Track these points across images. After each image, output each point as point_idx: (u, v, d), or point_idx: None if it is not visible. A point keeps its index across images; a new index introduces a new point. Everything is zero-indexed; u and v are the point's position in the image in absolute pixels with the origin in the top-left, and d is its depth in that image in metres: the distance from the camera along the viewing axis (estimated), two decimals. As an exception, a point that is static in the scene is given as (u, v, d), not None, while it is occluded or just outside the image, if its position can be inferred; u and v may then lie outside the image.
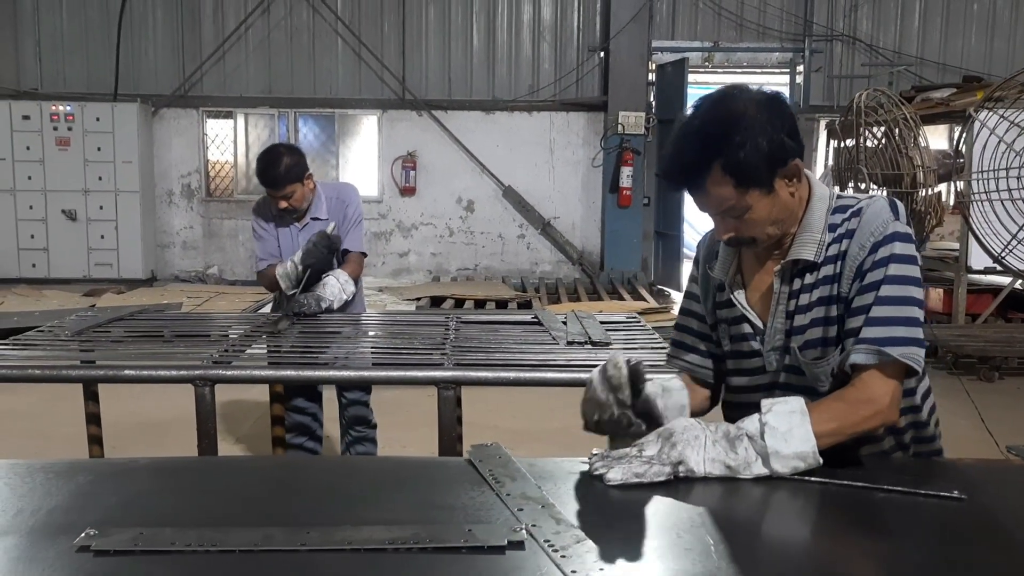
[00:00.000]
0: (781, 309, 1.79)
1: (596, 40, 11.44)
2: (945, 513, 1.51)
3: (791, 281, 1.78)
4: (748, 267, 1.87)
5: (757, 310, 1.84)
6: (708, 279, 1.93)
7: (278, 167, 3.73)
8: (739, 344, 1.88)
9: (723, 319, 1.91)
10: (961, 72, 10.70)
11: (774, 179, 1.69)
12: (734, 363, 1.91)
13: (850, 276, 1.71)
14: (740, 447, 1.60)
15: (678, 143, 1.70)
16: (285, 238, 3.96)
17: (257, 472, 1.82)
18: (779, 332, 1.80)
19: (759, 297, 1.85)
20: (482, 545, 1.33)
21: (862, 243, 1.69)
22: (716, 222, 1.76)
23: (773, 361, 1.82)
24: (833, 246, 1.74)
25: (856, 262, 1.70)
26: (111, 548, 1.31)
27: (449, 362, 2.82)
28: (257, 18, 11.32)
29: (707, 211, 1.75)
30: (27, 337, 3.24)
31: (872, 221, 1.70)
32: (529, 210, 11.57)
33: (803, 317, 1.77)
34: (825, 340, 1.75)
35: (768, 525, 1.54)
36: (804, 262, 1.75)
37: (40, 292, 9.88)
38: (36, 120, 10.70)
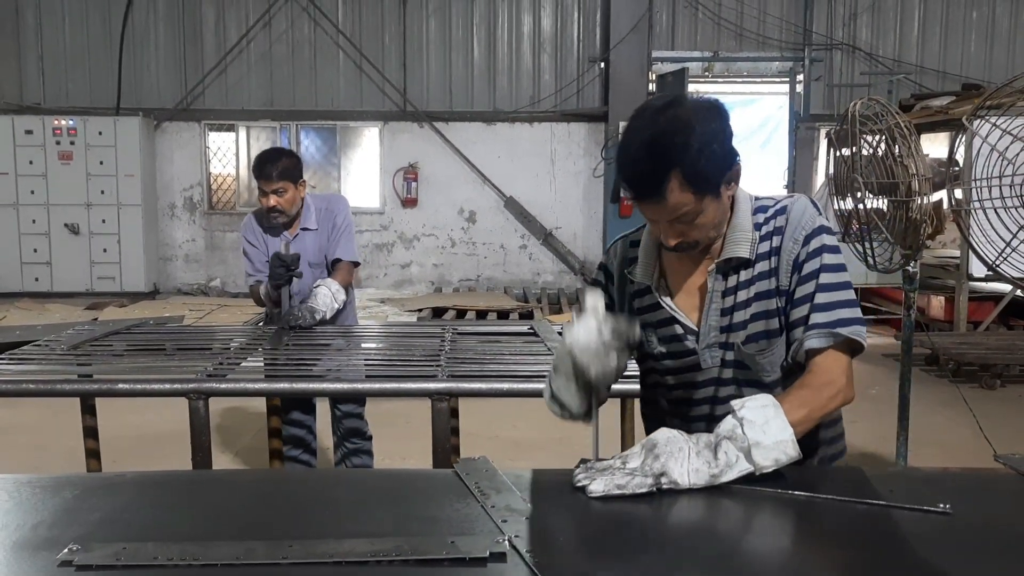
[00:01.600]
0: (715, 307, 1.84)
1: (596, 50, 11.47)
2: (930, 524, 1.50)
3: (725, 279, 1.83)
4: (672, 270, 1.91)
5: (687, 311, 1.88)
6: (625, 285, 1.97)
7: (276, 160, 3.80)
8: (671, 345, 1.91)
9: (648, 323, 1.92)
10: (961, 80, 10.71)
11: (721, 184, 1.73)
12: (668, 363, 1.93)
13: (787, 269, 1.79)
14: (721, 452, 1.60)
15: (634, 153, 1.70)
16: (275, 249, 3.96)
17: (242, 485, 1.82)
18: (714, 329, 1.85)
19: (687, 298, 1.89)
20: (464, 557, 1.33)
21: (795, 238, 1.78)
22: (663, 229, 1.77)
23: (708, 359, 1.86)
24: (763, 243, 1.81)
25: (791, 256, 1.78)
26: (93, 563, 1.31)
27: (443, 374, 2.83)
28: (259, 31, 11.38)
29: (658, 219, 1.75)
30: (24, 351, 3.25)
31: (800, 217, 1.80)
32: (531, 220, 11.59)
33: (743, 313, 1.82)
34: (768, 332, 1.81)
35: (753, 538, 1.54)
36: (737, 260, 1.81)
37: (43, 306, 9.91)
38: (39, 134, 10.76)
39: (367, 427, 4.12)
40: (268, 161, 3.80)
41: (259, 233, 3.96)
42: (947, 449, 5.06)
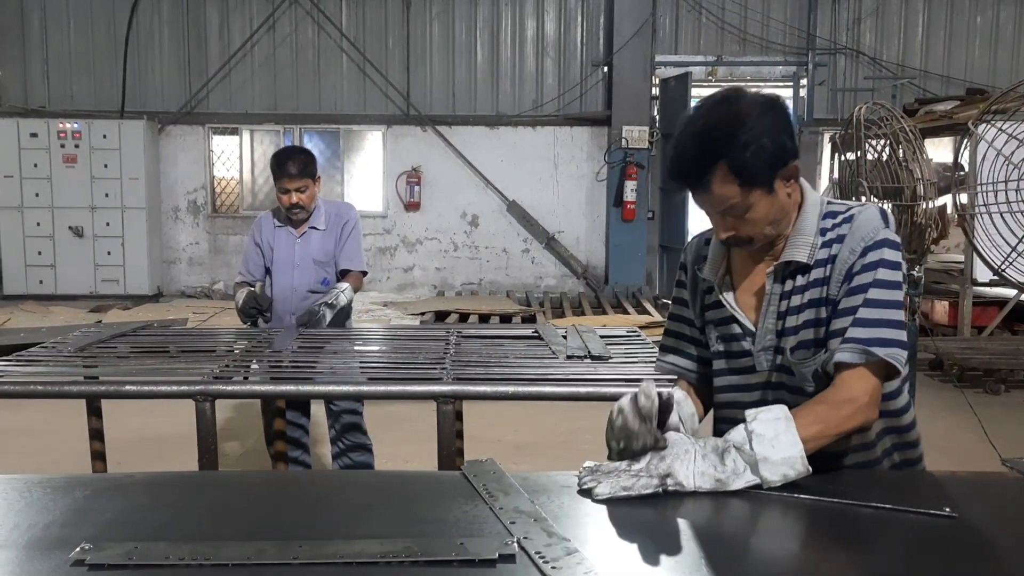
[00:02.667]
0: (772, 310, 1.82)
1: (600, 55, 11.49)
2: (936, 528, 1.50)
3: (783, 282, 1.81)
4: (738, 269, 1.89)
5: (747, 311, 1.86)
6: (697, 282, 1.96)
7: (297, 158, 3.94)
8: (729, 344, 1.89)
9: (711, 320, 1.93)
10: (965, 84, 10.71)
11: (775, 179, 1.72)
12: (724, 363, 1.91)
13: (839, 279, 1.74)
14: (728, 458, 1.60)
15: (683, 143, 1.73)
16: (282, 247, 4.04)
17: (250, 486, 1.82)
18: (770, 332, 1.82)
19: (749, 298, 1.87)
20: (473, 558, 1.33)
21: (852, 247, 1.73)
22: (716, 221, 1.78)
23: (763, 361, 1.84)
24: (823, 250, 1.77)
25: (846, 265, 1.73)
26: (105, 562, 1.32)
27: (448, 376, 2.83)
28: (263, 35, 11.41)
29: (708, 210, 1.77)
30: (30, 353, 3.26)
31: (863, 227, 1.74)
32: (533, 224, 11.60)
33: (795, 319, 1.79)
34: (816, 342, 1.77)
35: (757, 541, 1.54)
36: (796, 264, 1.78)
37: (47, 308, 9.92)
38: (44, 137, 10.79)
39: (364, 423, 4.12)
40: (289, 159, 3.91)
41: (270, 232, 4.04)
42: (951, 454, 5.06)
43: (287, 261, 4.03)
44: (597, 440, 1.98)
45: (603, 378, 2.87)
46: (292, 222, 4.03)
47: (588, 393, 2.76)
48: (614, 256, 11.35)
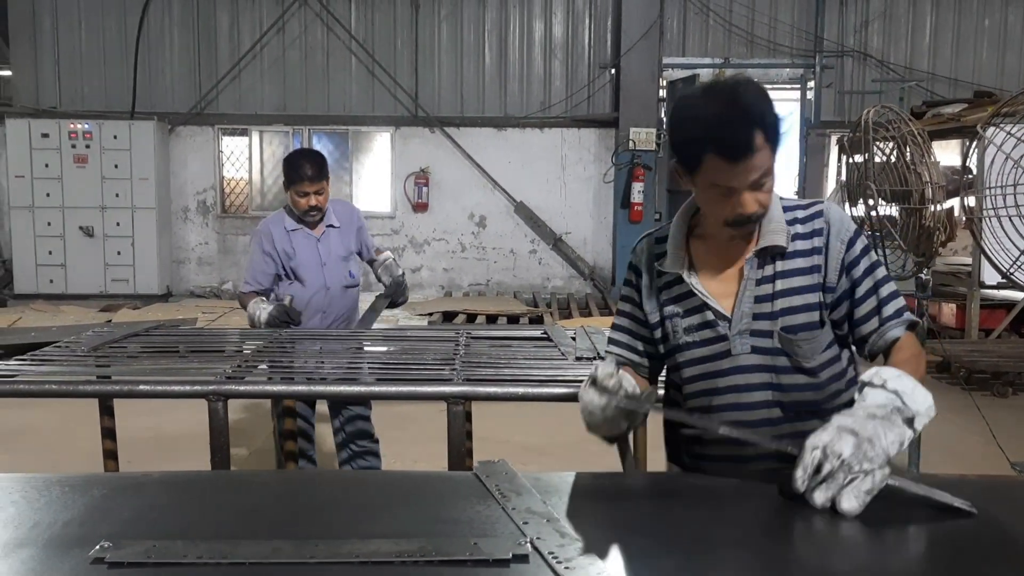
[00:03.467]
0: (749, 294, 1.91)
1: (607, 57, 11.50)
2: (953, 529, 1.51)
3: (762, 267, 1.91)
4: (700, 261, 1.97)
5: (716, 297, 1.94)
6: (652, 280, 2.03)
7: (315, 161, 3.96)
8: (700, 332, 1.95)
9: (675, 313, 1.98)
10: (972, 87, 10.69)
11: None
12: (694, 352, 1.97)
13: (836, 268, 1.90)
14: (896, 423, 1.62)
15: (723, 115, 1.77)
16: (304, 249, 4.03)
17: (266, 486, 1.85)
18: (746, 316, 1.91)
19: (717, 286, 1.94)
20: (487, 558, 1.35)
21: (841, 239, 1.90)
22: (746, 201, 1.82)
23: (739, 345, 1.91)
24: (802, 240, 1.91)
25: (839, 256, 1.90)
26: (124, 560, 1.34)
27: (458, 377, 2.84)
28: (272, 37, 11.45)
29: (741, 184, 1.80)
30: (44, 352, 3.28)
31: (843, 221, 1.94)
32: (541, 226, 11.61)
33: (783, 302, 1.89)
34: (810, 324, 1.90)
35: (773, 537, 1.54)
36: (774, 249, 1.89)
37: (57, 308, 9.97)
38: (55, 138, 10.84)
39: (373, 428, 4.15)
40: (307, 163, 3.93)
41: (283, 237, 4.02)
42: (959, 457, 5.06)
43: (313, 262, 4.02)
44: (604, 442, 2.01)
45: (612, 380, 2.88)
46: (307, 223, 4.04)
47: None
48: (621, 257, 11.35)
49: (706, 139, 1.78)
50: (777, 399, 1.91)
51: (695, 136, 1.80)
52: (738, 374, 1.92)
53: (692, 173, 1.84)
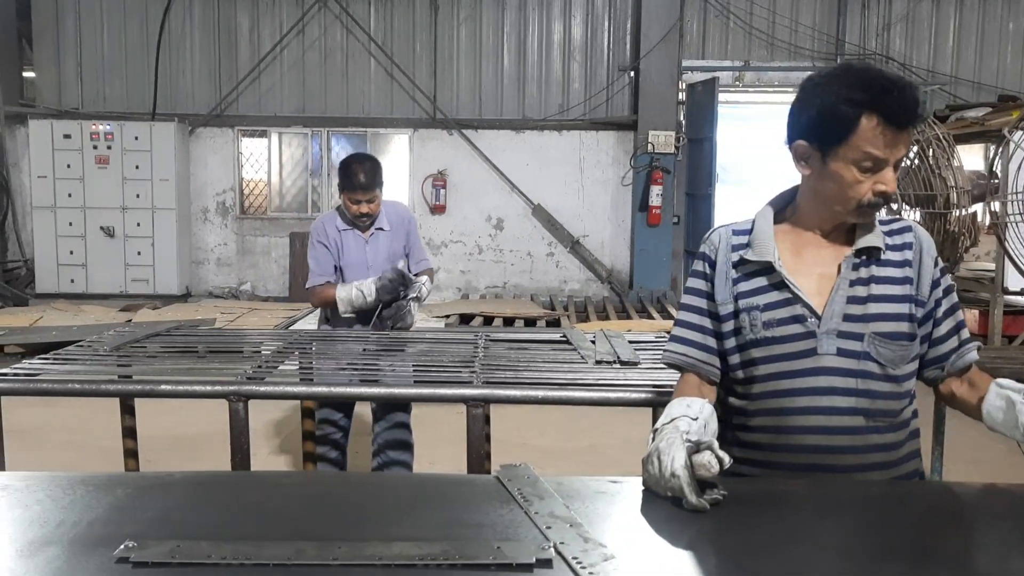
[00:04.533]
0: (842, 294, 1.85)
1: (626, 59, 11.48)
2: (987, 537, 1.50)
3: (857, 268, 1.87)
4: (787, 254, 1.90)
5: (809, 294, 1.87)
6: (728, 270, 1.94)
7: (370, 170, 4.02)
8: (784, 328, 1.86)
9: (753, 306, 1.89)
10: (996, 91, 10.60)
11: None
12: (772, 349, 1.87)
13: (927, 284, 1.90)
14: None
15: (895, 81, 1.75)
16: (352, 250, 4.09)
17: (290, 487, 1.85)
18: (836, 315, 1.85)
19: (806, 282, 1.88)
20: (510, 562, 1.34)
21: (931, 256, 1.91)
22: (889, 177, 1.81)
23: (826, 344, 1.84)
24: (893, 251, 1.90)
25: (930, 273, 1.91)
26: (149, 560, 1.34)
27: (478, 380, 2.84)
28: (292, 39, 11.49)
29: (896, 156, 1.78)
30: (67, 352, 3.31)
31: (930, 240, 1.95)
32: (558, 228, 11.60)
33: (878, 306, 1.86)
34: (899, 334, 1.87)
35: (800, 550, 1.52)
36: (872, 251, 1.88)
37: (78, 307, 10.04)
38: (76, 139, 10.93)
39: (411, 437, 4.14)
40: (360, 171, 3.98)
41: (335, 235, 4.09)
42: (982, 465, 5.01)
43: (359, 263, 4.08)
44: (623, 446, 2.00)
45: (633, 384, 2.87)
46: (358, 225, 4.10)
47: (618, 399, 2.77)
48: (639, 261, 11.33)
49: (871, 101, 1.72)
50: (863, 406, 1.83)
51: (856, 99, 1.73)
52: (821, 375, 1.83)
53: (836, 144, 1.76)
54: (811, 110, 1.80)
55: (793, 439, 1.85)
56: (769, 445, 1.89)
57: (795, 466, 1.85)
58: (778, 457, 1.87)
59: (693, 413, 1.78)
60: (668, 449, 1.64)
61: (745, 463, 1.90)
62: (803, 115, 1.83)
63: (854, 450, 1.82)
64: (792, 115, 1.87)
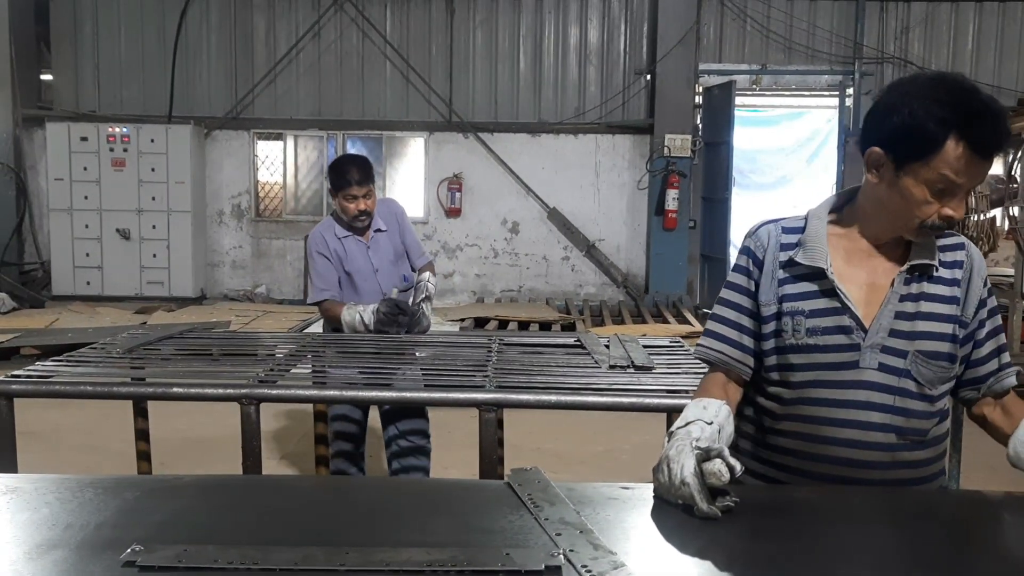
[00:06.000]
0: (891, 308, 1.81)
1: (643, 63, 11.45)
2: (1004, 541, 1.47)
3: (908, 284, 1.82)
4: (838, 262, 1.85)
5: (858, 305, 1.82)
6: (774, 269, 1.89)
7: (362, 166, 3.95)
8: (828, 337, 1.82)
9: (798, 311, 1.84)
10: (1016, 95, 10.50)
11: None
12: (812, 357, 1.83)
13: (974, 304, 1.85)
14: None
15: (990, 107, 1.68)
16: (356, 256, 4.02)
17: (298, 491, 1.83)
18: (883, 330, 1.80)
19: (855, 291, 1.83)
20: (519, 569, 1.33)
21: (981, 276, 1.87)
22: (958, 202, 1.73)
23: (869, 358, 1.80)
24: (946, 269, 1.84)
25: (978, 293, 1.86)
26: (156, 564, 1.33)
27: (491, 384, 2.83)
28: (308, 42, 11.53)
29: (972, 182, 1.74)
30: (81, 354, 3.32)
31: (982, 259, 1.92)
32: (574, 232, 11.58)
33: (926, 324, 1.81)
34: (941, 354, 1.83)
35: (816, 559, 1.50)
36: (925, 267, 1.82)
37: (94, 309, 10.10)
38: (93, 141, 11.00)
39: (429, 443, 4.10)
40: (354, 167, 3.92)
41: (336, 243, 4.00)
42: (998, 473, 4.92)
43: (366, 269, 4.01)
44: (637, 451, 1.98)
45: (647, 389, 2.85)
46: (356, 230, 4.02)
47: (632, 404, 2.75)
48: (655, 265, 11.29)
49: (961, 125, 1.64)
50: (896, 424, 1.80)
51: (946, 119, 1.65)
52: (860, 389, 1.80)
53: (914, 161, 1.69)
54: (895, 119, 1.71)
55: (823, 449, 1.82)
56: (797, 451, 1.86)
57: (821, 476, 1.82)
58: (806, 465, 1.84)
59: (708, 417, 1.75)
60: (678, 457, 1.61)
61: (771, 466, 1.89)
62: (885, 122, 1.74)
63: (883, 466, 1.80)
64: (873, 118, 1.80)
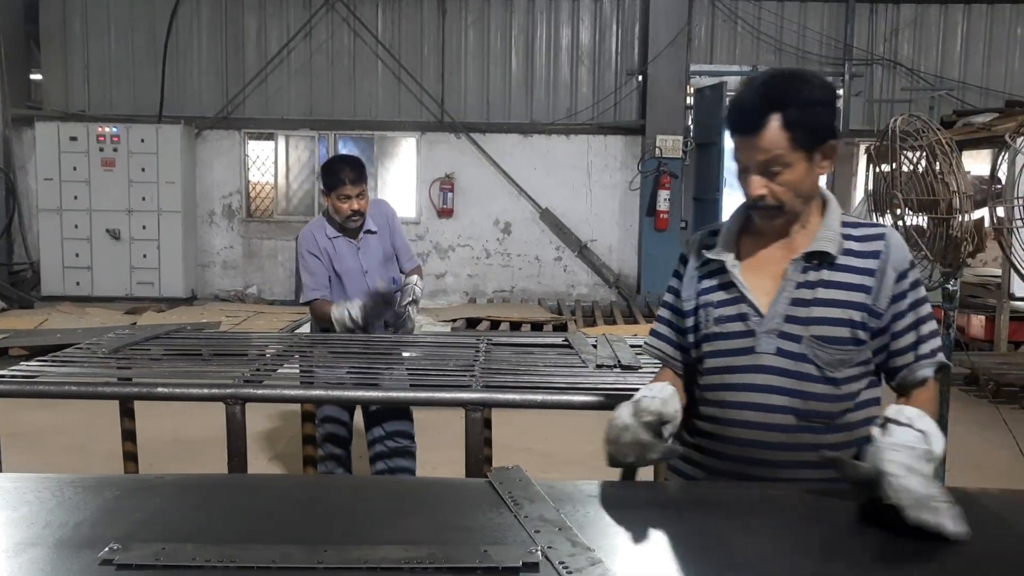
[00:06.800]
0: (786, 296, 1.90)
1: (634, 64, 11.46)
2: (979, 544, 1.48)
3: (805, 272, 1.90)
4: (746, 255, 1.98)
5: (756, 293, 1.93)
6: (695, 268, 2.04)
7: (355, 166, 3.93)
8: (730, 325, 1.95)
9: (710, 302, 1.98)
10: (1004, 96, 10.55)
11: (816, 149, 1.84)
12: (718, 344, 1.96)
13: (888, 296, 1.88)
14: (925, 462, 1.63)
15: (747, 92, 1.85)
16: (346, 257, 4.01)
17: (278, 490, 1.84)
18: (778, 316, 1.90)
19: (756, 281, 1.94)
20: (497, 566, 1.33)
21: (896, 268, 1.89)
22: (752, 181, 1.86)
23: (764, 343, 1.90)
24: (856, 258, 1.89)
25: (891, 284, 1.88)
26: (133, 562, 1.34)
27: (477, 384, 2.84)
28: (299, 42, 11.52)
29: (751, 161, 1.84)
30: (66, 354, 3.31)
31: (900, 250, 1.92)
32: (566, 233, 11.59)
33: (822, 311, 1.87)
34: (847, 339, 1.88)
35: (794, 548, 1.51)
36: (823, 256, 1.88)
37: (83, 309, 10.06)
38: (83, 141, 10.95)
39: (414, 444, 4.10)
40: (347, 167, 3.91)
41: (326, 243, 3.99)
42: (985, 471, 4.98)
43: (355, 270, 4.00)
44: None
45: (633, 388, 2.85)
46: (347, 231, 4.00)
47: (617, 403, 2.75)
48: (647, 265, 11.30)
49: (728, 112, 1.90)
50: (795, 406, 1.88)
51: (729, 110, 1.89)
52: (758, 373, 1.90)
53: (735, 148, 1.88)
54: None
55: (730, 431, 1.93)
56: (712, 434, 1.98)
57: (730, 457, 1.93)
58: (718, 446, 1.96)
59: (652, 393, 1.91)
60: (616, 415, 1.85)
61: (695, 449, 2.02)
62: None
63: (784, 447, 1.88)
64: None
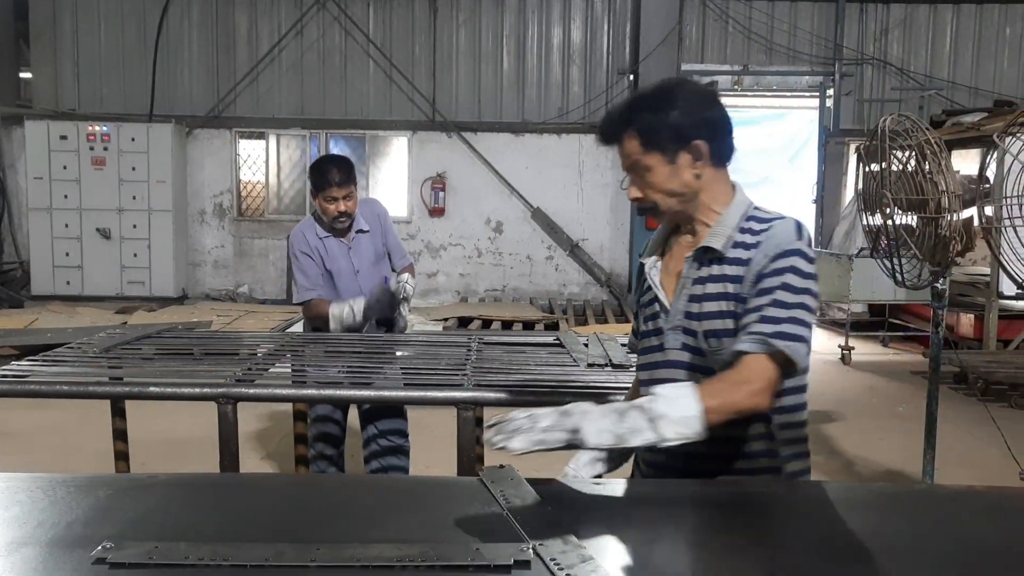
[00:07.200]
0: (685, 292, 1.94)
1: (626, 63, 11.48)
2: (950, 541, 1.50)
3: (699, 268, 1.93)
4: (669, 256, 2.05)
5: (668, 292, 1.99)
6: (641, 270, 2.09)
7: (343, 167, 3.90)
8: (647, 324, 2.03)
9: (641, 304, 2.07)
10: (993, 96, 10.61)
11: (677, 151, 1.89)
12: (644, 341, 2.05)
13: (751, 281, 1.84)
14: (628, 417, 1.67)
15: (613, 107, 2.00)
16: (337, 256, 3.98)
17: (271, 489, 1.84)
18: (680, 312, 1.94)
19: (669, 280, 2.00)
20: (488, 564, 1.34)
21: (767, 253, 1.84)
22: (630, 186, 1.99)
23: (672, 340, 1.95)
24: (740, 250, 1.89)
25: (757, 268, 1.84)
26: (126, 561, 1.34)
27: (469, 383, 2.84)
28: (290, 41, 11.50)
29: (623, 166, 1.97)
30: (57, 353, 3.30)
31: (778, 236, 1.86)
32: (557, 232, 11.60)
33: (710, 305, 1.90)
34: (727, 332, 1.87)
35: (778, 544, 1.53)
36: (712, 252, 1.91)
37: (74, 309, 10.03)
38: (73, 140, 10.92)
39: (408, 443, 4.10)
40: (335, 168, 3.87)
41: (315, 242, 3.96)
42: (974, 468, 5.01)
43: (347, 270, 3.97)
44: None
45: (623, 386, 2.86)
46: (336, 231, 3.97)
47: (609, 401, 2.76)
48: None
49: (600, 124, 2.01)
50: None
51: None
52: (668, 368, 1.95)
53: None
54: None
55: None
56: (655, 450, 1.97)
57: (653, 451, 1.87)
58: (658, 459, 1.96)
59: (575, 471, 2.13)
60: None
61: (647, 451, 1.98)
62: None
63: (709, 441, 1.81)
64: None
